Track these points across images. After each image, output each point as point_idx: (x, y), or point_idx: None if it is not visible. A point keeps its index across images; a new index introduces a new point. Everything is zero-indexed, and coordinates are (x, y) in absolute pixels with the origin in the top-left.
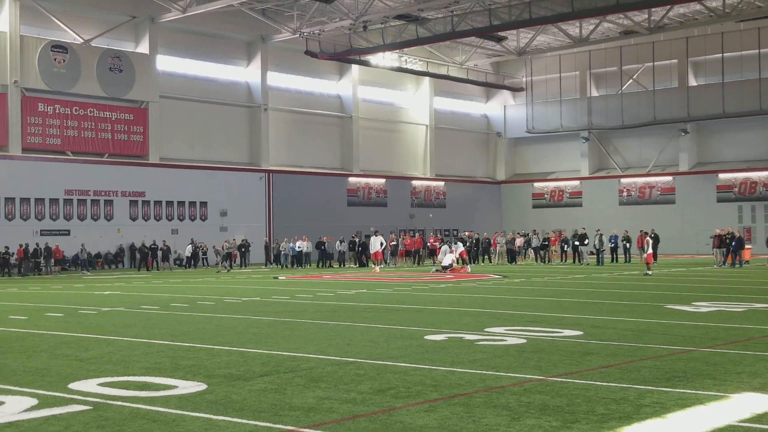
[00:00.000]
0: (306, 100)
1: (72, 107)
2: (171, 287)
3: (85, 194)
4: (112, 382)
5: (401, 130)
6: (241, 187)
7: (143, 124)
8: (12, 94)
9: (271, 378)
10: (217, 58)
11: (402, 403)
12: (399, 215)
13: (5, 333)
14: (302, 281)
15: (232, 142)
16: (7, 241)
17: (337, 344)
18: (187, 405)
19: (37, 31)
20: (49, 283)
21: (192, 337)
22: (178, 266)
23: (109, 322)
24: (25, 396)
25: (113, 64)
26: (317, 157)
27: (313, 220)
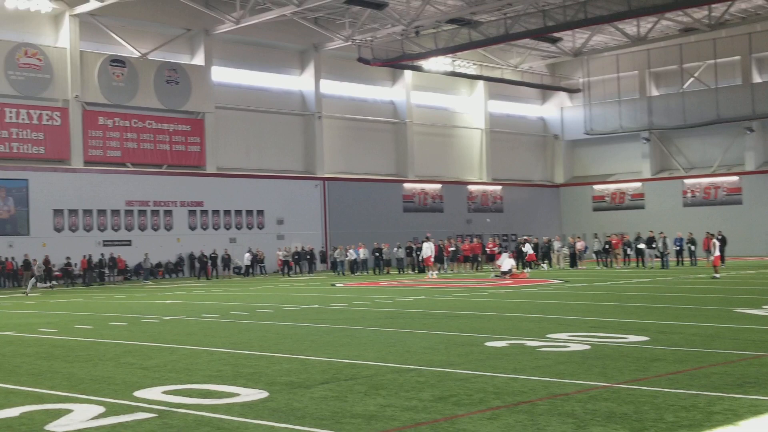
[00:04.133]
0: (359, 107)
1: (131, 120)
2: (230, 295)
3: (145, 205)
4: (176, 390)
5: (456, 135)
6: (297, 195)
7: (200, 135)
8: (73, 109)
9: (331, 385)
10: (271, 68)
11: (464, 411)
12: (456, 220)
13: (72, 342)
14: (359, 288)
15: (287, 151)
16: (71, 252)
17: (397, 351)
18: (249, 412)
19: (96, 47)
20: (112, 292)
21: (252, 344)
22: (236, 274)
23: (171, 330)
24: (93, 404)
25: (170, 76)
26: (372, 163)
27: (369, 226)
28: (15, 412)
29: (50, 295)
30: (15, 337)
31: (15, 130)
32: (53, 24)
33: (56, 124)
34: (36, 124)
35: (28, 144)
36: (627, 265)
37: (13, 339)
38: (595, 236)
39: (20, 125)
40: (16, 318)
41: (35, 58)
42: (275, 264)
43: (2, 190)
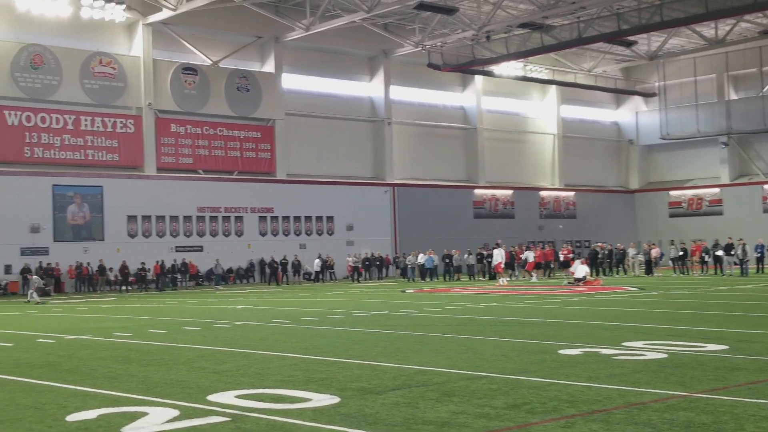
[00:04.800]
0: (429, 113)
1: (202, 127)
2: (301, 301)
3: (217, 211)
4: (249, 394)
5: (527, 140)
6: (367, 201)
7: (270, 142)
8: (146, 116)
9: (402, 392)
10: (341, 74)
11: (537, 419)
12: (527, 227)
13: (146, 346)
14: (430, 295)
15: (356, 157)
16: (145, 258)
17: (468, 358)
18: (321, 418)
19: (168, 55)
20: (184, 297)
21: (323, 350)
22: (306, 280)
23: (243, 335)
24: (167, 407)
25: (240, 83)
26: (442, 169)
27: (439, 233)
28: (92, 414)
29: (124, 299)
30: (91, 341)
31: (90, 138)
32: (127, 33)
33: (130, 131)
34: (110, 132)
35: (102, 151)
36: (704, 272)
37: (89, 342)
38: (671, 243)
39: (95, 133)
40: (92, 322)
41: (110, 67)
42: (345, 270)
43: (78, 197)
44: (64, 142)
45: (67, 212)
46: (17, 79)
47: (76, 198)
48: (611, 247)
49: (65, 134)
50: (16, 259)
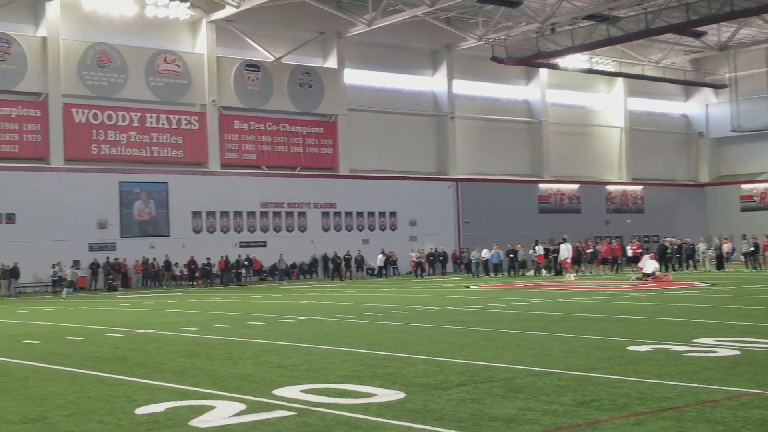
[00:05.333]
0: (493, 107)
1: (265, 123)
2: (364, 296)
3: (280, 206)
4: (314, 389)
5: (594, 134)
6: (430, 197)
7: (333, 137)
8: (210, 113)
9: (468, 387)
10: (403, 69)
11: (607, 416)
12: (594, 221)
13: (212, 340)
14: (494, 290)
15: (419, 152)
16: (209, 253)
17: (535, 354)
18: (387, 413)
19: (231, 52)
20: (248, 292)
21: (388, 345)
22: (369, 275)
23: (308, 330)
24: (234, 401)
25: (303, 79)
26: (506, 164)
27: (503, 227)
28: (160, 407)
29: (189, 294)
30: (159, 335)
31: (155, 135)
32: (191, 31)
33: (194, 128)
34: (175, 129)
35: (167, 148)
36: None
37: (157, 337)
38: (743, 237)
39: (160, 130)
40: (158, 317)
41: (174, 65)
42: (408, 265)
43: (144, 193)
44: (130, 139)
45: (133, 208)
46: (84, 77)
47: (142, 194)
48: (680, 242)
49: (131, 131)
50: (84, 254)
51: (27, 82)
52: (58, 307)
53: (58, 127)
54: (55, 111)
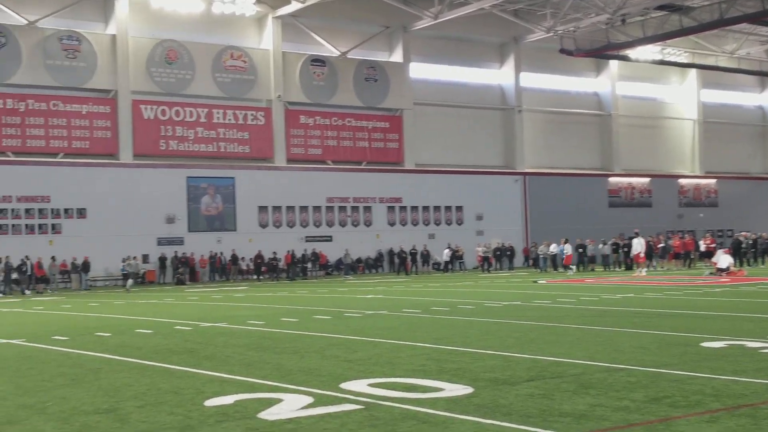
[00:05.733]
0: (561, 100)
1: (331, 118)
2: (430, 291)
3: (345, 201)
4: (381, 383)
5: (665, 126)
6: (497, 191)
7: (398, 132)
8: (276, 108)
9: (537, 383)
10: (469, 62)
11: (680, 413)
12: (665, 216)
13: (279, 334)
14: (563, 285)
15: (486, 146)
16: (276, 248)
17: (605, 350)
18: (455, 408)
19: (297, 47)
20: (314, 287)
21: (455, 340)
22: (435, 270)
23: (374, 324)
24: (301, 394)
25: (369, 74)
26: (575, 157)
27: (572, 222)
28: (229, 399)
29: (256, 288)
30: (226, 329)
31: (222, 131)
32: (257, 26)
33: (260, 123)
34: (241, 124)
35: (234, 143)
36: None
37: (224, 330)
38: None
39: (227, 125)
40: (226, 310)
41: (240, 60)
42: (475, 260)
43: (211, 188)
44: (197, 134)
45: (200, 203)
46: (153, 74)
47: (209, 189)
48: (756, 237)
49: (198, 127)
50: (153, 248)
51: (97, 79)
52: (128, 300)
53: (128, 123)
54: (125, 107)
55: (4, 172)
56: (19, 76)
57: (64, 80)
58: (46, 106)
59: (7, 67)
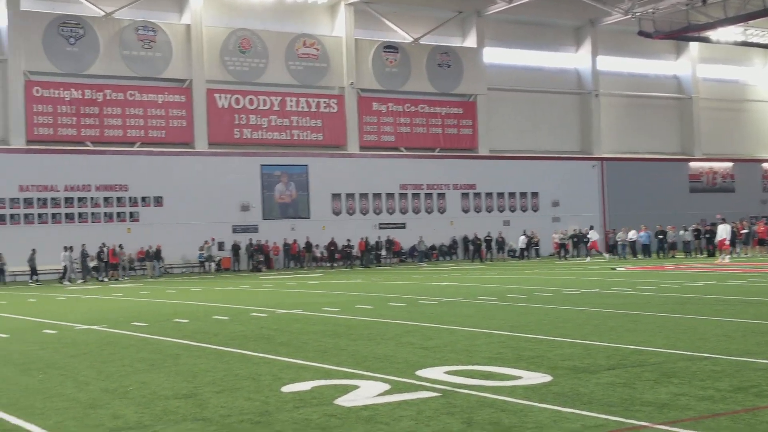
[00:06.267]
0: (640, 83)
1: (404, 104)
2: (506, 278)
3: (419, 188)
4: (457, 370)
5: (749, 109)
6: (573, 177)
7: (472, 117)
8: (349, 96)
9: (618, 371)
10: (544, 46)
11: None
12: (749, 201)
13: (354, 321)
14: (642, 272)
15: (561, 131)
16: (349, 235)
17: (688, 338)
18: (533, 396)
19: (369, 34)
20: (388, 274)
21: (532, 328)
22: (510, 257)
23: (449, 312)
24: (377, 381)
25: (442, 60)
26: (654, 142)
27: (651, 208)
28: (306, 386)
29: (330, 275)
30: (301, 315)
31: (295, 119)
32: (329, 14)
33: (333, 111)
34: (314, 112)
35: (307, 131)
36: None
37: (299, 317)
38: None
39: (300, 113)
40: (301, 297)
41: (313, 48)
42: (551, 247)
43: (285, 176)
44: (270, 122)
45: (274, 191)
46: (226, 63)
47: (282, 177)
48: None
49: (272, 115)
50: (228, 236)
51: (172, 69)
52: (204, 287)
53: (202, 112)
54: (199, 96)
55: (83, 162)
56: (97, 66)
57: (140, 70)
58: (123, 96)
59: (86, 58)
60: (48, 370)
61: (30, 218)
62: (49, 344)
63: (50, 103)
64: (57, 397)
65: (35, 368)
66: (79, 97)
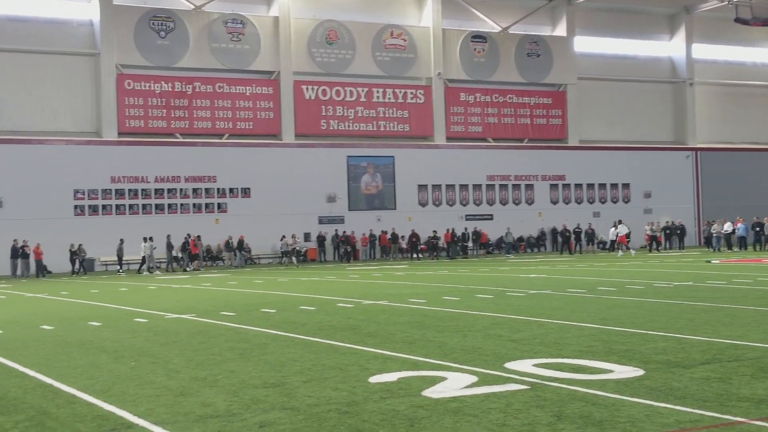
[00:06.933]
0: (737, 72)
1: (492, 95)
2: (596, 271)
3: (506, 179)
4: (547, 363)
5: None
6: (666, 167)
7: (562, 107)
8: (436, 86)
9: (712, 366)
10: (637, 34)
11: None
12: None
13: (441, 312)
14: (739, 265)
15: (654, 121)
16: (435, 226)
17: None
18: (625, 390)
19: (457, 24)
20: (475, 266)
21: (623, 321)
22: (600, 249)
23: (538, 304)
24: (465, 373)
25: (531, 49)
26: (752, 131)
27: (749, 199)
28: (393, 377)
29: (416, 266)
30: (388, 306)
31: (382, 110)
32: (416, 4)
33: (420, 102)
34: (401, 103)
35: (393, 122)
36: None
37: (386, 308)
38: None
39: (386, 104)
40: (387, 288)
41: (400, 39)
42: (642, 239)
43: (371, 167)
44: (357, 114)
45: (360, 182)
46: (314, 54)
47: (369, 168)
48: None
49: (358, 107)
50: (314, 227)
51: (260, 61)
52: (291, 277)
53: (290, 103)
54: (287, 88)
55: (172, 153)
56: (186, 59)
57: (229, 63)
58: (212, 89)
59: (176, 51)
60: (139, 357)
61: (121, 209)
62: (141, 332)
63: (141, 96)
64: (148, 385)
65: (127, 356)
66: (169, 89)
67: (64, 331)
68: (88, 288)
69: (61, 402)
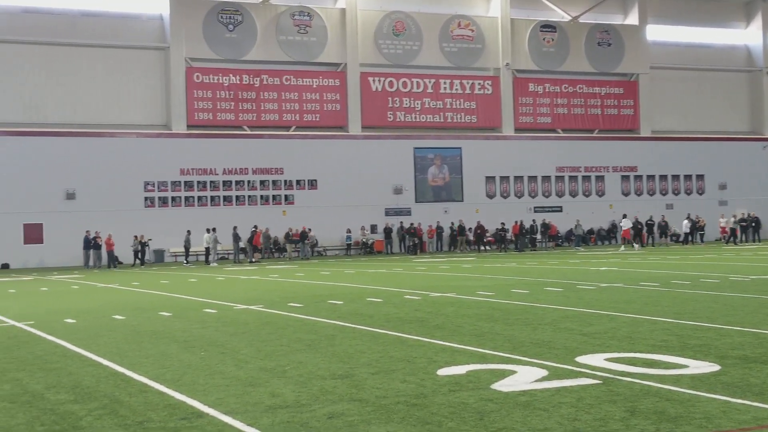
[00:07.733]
0: None
1: (561, 85)
2: (669, 264)
3: (576, 171)
4: (619, 357)
5: None
6: (742, 158)
7: (633, 98)
8: (504, 77)
9: None
10: (711, 22)
11: None
12: None
13: (510, 305)
14: None
15: (729, 111)
16: (504, 218)
17: None
18: (700, 385)
19: (526, 13)
20: (544, 258)
21: (698, 315)
22: (673, 242)
23: (609, 297)
24: (535, 366)
25: (601, 38)
26: None
27: None
28: (461, 369)
29: (483, 259)
30: (455, 299)
31: (449, 101)
32: None
33: (488, 92)
34: (468, 94)
35: (461, 113)
36: None
37: (453, 300)
38: None
39: (454, 95)
40: (454, 280)
41: (468, 29)
42: (717, 232)
43: (438, 159)
44: (424, 105)
45: (427, 174)
46: (380, 46)
47: (436, 160)
48: None
49: (425, 98)
50: (381, 219)
51: (327, 53)
52: (358, 269)
53: (356, 95)
54: (353, 80)
55: (240, 146)
56: (254, 52)
57: (296, 55)
58: (279, 81)
59: (244, 44)
60: (209, 348)
61: (190, 201)
62: (210, 323)
63: (210, 89)
64: (218, 375)
65: (197, 346)
66: (237, 82)
67: (135, 321)
68: (158, 279)
69: (133, 390)
